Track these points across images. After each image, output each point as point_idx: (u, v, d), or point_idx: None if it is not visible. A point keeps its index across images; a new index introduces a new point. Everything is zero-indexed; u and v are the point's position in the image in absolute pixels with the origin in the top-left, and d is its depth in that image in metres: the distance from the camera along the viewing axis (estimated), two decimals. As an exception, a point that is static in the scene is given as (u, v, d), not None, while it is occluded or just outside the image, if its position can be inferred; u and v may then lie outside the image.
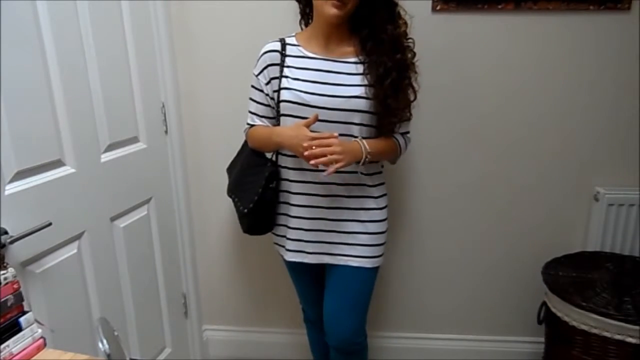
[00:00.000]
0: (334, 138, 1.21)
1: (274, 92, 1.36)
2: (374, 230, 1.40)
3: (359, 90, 1.29)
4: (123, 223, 1.53)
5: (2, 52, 1.05)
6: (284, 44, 1.36)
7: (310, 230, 1.39)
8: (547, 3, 1.62)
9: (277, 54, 1.35)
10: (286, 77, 1.33)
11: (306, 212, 1.38)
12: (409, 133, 1.45)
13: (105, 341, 0.88)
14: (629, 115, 1.71)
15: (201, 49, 1.79)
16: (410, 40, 1.33)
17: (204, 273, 2.05)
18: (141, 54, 1.58)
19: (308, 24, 1.45)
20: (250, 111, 1.43)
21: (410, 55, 1.33)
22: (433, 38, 1.65)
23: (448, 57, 1.70)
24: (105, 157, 1.42)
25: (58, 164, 1.24)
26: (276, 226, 1.47)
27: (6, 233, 1.06)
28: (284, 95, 1.32)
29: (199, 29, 1.77)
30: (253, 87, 1.40)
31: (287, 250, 1.43)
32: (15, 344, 0.92)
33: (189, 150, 1.90)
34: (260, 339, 2.11)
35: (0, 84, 1.05)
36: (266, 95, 1.37)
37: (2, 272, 0.92)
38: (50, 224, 1.15)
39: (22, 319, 0.95)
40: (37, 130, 1.17)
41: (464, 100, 1.75)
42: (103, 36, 1.39)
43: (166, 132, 1.77)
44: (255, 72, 1.38)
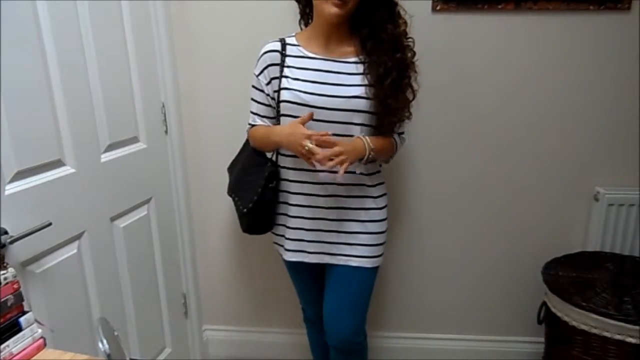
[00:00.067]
0: (330, 136, 1.22)
1: (274, 92, 1.36)
2: (374, 230, 1.40)
3: (359, 90, 1.30)
4: (123, 223, 1.53)
5: (2, 52, 1.05)
6: (284, 44, 1.36)
7: (311, 230, 1.39)
8: (547, 3, 1.62)
9: (277, 54, 1.35)
10: (286, 77, 1.33)
11: (306, 212, 1.38)
12: (404, 133, 1.45)
13: (105, 341, 0.88)
14: (629, 115, 1.71)
15: (201, 49, 1.79)
16: (410, 39, 1.33)
17: (204, 273, 2.05)
18: (141, 54, 1.58)
19: (308, 24, 1.45)
20: (251, 111, 1.43)
21: (410, 55, 1.33)
22: (433, 38, 1.65)
23: (448, 57, 1.70)
24: (105, 157, 1.42)
25: (58, 164, 1.25)
26: (276, 226, 1.47)
27: (6, 233, 1.05)
28: (284, 95, 1.32)
29: (199, 29, 1.77)
30: (254, 87, 1.40)
31: (287, 250, 1.43)
32: (15, 344, 0.92)
33: (189, 150, 1.90)
34: (260, 339, 2.11)
35: (0, 84, 1.05)
36: (267, 95, 1.37)
37: (2, 272, 0.92)
38: (50, 224, 1.15)
39: (22, 319, 0.95)
40: (37, 130, 1.17)
41: (464, 100, 1.75)
42: (103, 36, 1.39)
43: (166, 132, 1.77)
44: (256, 72, 1.38)
